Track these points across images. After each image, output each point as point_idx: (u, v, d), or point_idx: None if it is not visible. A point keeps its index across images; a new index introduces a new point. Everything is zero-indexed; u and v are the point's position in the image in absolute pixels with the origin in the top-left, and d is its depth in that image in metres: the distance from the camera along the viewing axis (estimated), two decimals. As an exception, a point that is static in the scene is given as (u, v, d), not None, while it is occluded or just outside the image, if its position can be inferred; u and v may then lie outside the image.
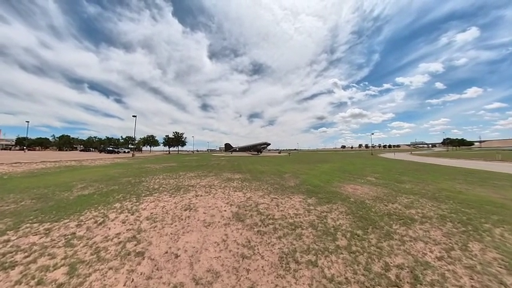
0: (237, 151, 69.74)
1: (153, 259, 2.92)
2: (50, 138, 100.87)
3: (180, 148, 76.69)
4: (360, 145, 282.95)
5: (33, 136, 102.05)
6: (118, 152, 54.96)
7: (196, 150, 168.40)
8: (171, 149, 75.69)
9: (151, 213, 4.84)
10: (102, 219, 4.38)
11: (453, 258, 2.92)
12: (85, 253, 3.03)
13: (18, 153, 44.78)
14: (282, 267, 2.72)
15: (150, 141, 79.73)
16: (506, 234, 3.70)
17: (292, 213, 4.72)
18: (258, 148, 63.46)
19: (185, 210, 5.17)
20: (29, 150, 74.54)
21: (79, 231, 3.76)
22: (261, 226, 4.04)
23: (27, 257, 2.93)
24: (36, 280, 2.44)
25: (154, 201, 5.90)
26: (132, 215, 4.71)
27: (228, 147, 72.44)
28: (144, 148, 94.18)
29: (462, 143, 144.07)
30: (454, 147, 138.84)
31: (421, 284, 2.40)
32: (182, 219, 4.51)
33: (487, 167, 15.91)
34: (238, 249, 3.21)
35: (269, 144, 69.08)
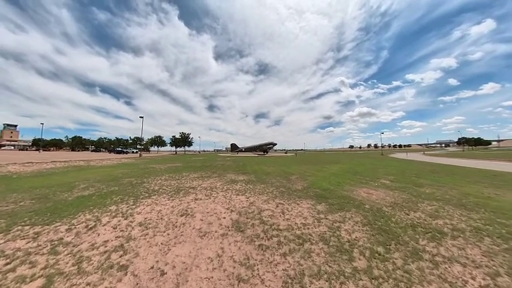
0: (243, 151, 69.44)
1: (136, 275, 2.55)
2: (63, 139, 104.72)
3: (186, 148, 77.37)
4: (369, 145, 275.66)
5: (48, 137, 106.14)
6: (126, 152, 56.03)
7: (203, 151, 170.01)
8: (178, 149, 76.51)
9: (145, 219, 4.52)
10: (93, 224, 4.17)
11: (507, 290, 2.29)
12: (66, 263, 2.81)
13: (33, 154, 46.55)
14: (287, 298, 2.19)
15: (158, 141, 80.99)
16: None
17: (299, 223, 4.16)
18: (264, 148, 62.88)
19: (181, 215, 4.78)
20: (43, 150, 77.59)
21: (67, 237, 3.57)
22: (263, 239, 3.51)
23: (8, 264, 2.78)
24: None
25: (151, 205, 5.60)
26: (125, 219, 4.44)
27: (234, 148, 72.28)
28: (152, 148, 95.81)
29: (479, 142, 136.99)
30: (470, 147, 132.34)
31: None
32: (176, 227, 4.10)
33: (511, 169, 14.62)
34: (234, 268, 2.71)
35: (275, 144, 68.32)
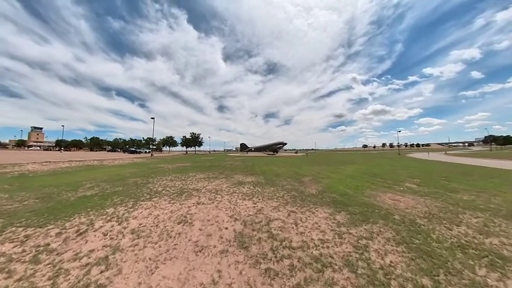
0: (253, 151, 68.97)
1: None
2: (83, 140, 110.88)
3: (197, 148, 78.29)
4: (384, 144, 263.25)
5: (70, 138, 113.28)
6: (139, 152, 57.59)
7: (213, 150, 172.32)
8: (189, 149, 77.61)
9: (139, 225, 4.13)
10: (85, 228, 3.92)
11: None
12: (43, 276, 2.53)
13: (54, 153, 49.26)
14: None
15: (169, 142, 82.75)
16: None
17: (316, 239, 3.43)
18: (274, 148, 61.97)
19: (179, 223, 4.27)
20: (65, 150, 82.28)
21: (54, 242, 3.36)
22: (271, 260, 2.84)
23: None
24: None
25: (149, 208, 5.23)
26: (119, 224, 4.13)
27: (243, 147, 72.02)
28: (164, 148, 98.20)
29: (508, 140, 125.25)
30: (499, 146, 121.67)
31: None
32: (171, 237, 3.59)
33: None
34: (234, 304, 2.07)
35: (285, 144, 67.14)
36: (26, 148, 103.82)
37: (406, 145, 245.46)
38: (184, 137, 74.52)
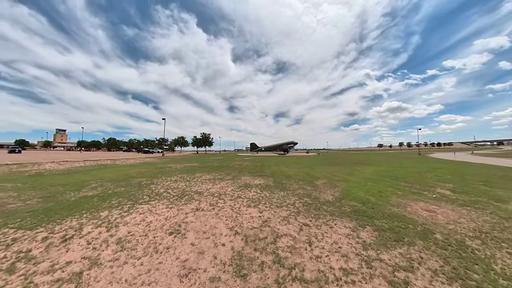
0: (263, 151, 68.22)
1: None
2: (101, 141, 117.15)
3: (207, 148, 79.07)
4: (401, 143, 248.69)
5: (90, 139, 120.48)
6: (152, 152, 59.17)
7: (224, 150, 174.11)
8: (200, 149, 78.58)
9: (128, 233, 3.75)
10: (72, 234, 3.68)
11: None
12: None
13: (75, 153, 52.08)
14: None
15: (181, 142, 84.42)
16: None
17: (337, 268, 2.62)
18: (284, 148, 60.78)
19: (171, 233, 3.73)
20: (85, 151, 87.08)
21: (37, 249, 3.17)
22: (278, 301, 2.11)
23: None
24: None
25: (144, 213, 4.88)
26: (107, 231, 3.82)
27: (253, 147, 71.48)
28: (176, 148, 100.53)
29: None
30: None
31: None
32: (157, 252, 3.06)
33: None
34: None
35: (296, 143, 65.65)
36: (51, 148, 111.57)
37: (425, 144, 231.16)
38: (195, 137, 75.59)
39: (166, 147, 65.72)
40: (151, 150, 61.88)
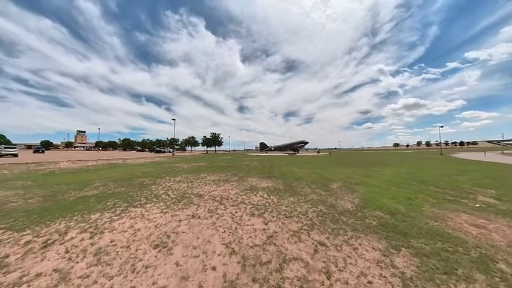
0: (273, 150, 67.28)
1: None
2: (117, 141, 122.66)
3: (217, 148, 79.41)
4: (419, 142, 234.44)
5: (107, 140, 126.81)
6: (164, 151, 60.38)
7: (233, 150, 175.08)
8: (210, 148, 79.10)
9: (111, 242, 3.33)
10: (55, 238, 3.43)
11: None
12: None
13: (92, 153, 54.35)
14: None
15: (191, 142, 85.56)
16: None
17: (372, 321, 1.82)
18: (294, 147, 59.46)
19: (156, 246, 3.16)
20: (102, 150, 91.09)
21: (15, 254, 2.94)
22: None
23: None
24: None
25: (135, 218, 4.44)
26: (90, 238, 3.47)
27: (263, 147, 70.72)
28: (187, 148, 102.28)
29: None
30: None
31: None
32: (133, 272, 2.54)
33: None
34: None
35: (307, 142, 64.05)
36: (72, 148, 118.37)
37: (446, 143, 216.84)
38: (204, 137, 76.17)
39: (177, 147, 66.75)
40: (162, 150, 63.23)
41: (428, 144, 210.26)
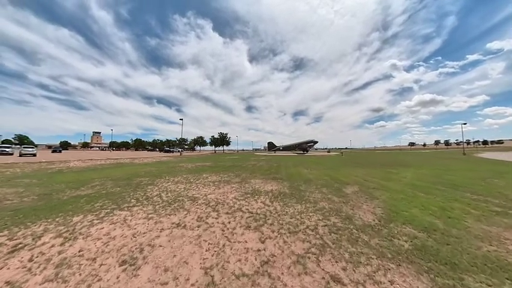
0: (281, 150, 66.04)
1: None
2: (129, 142, 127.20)
3: (226, 148, 79.39)
4: (437, 142, 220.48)
5: (120, 140, 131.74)
6: (172, 151, 61.24)
7: (242, 150, 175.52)
8: (218, 148, 79.26)
9: (79, 251, 2.92)
10: (26, 243, 3.13)
11: None
12: None
13: (105, 153, 56.30)
14: None
15: (199, 141, 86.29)
16: None
17: None
18: (303, 147, 57.90)
19: (122, 263, 2.60)
20: (115, 150, 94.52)
21: None
22: None
23: None
24: None
25: (116, 223, 4.00)
26: (61, 245, 3.10)
27: (271, 146, 69.63)
28: (196, 148, 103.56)
29: None
30: None
31: None
32: None
33: None
34: None
35: (316, 142, 62.20)
36: (89, 148, 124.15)
37: (468, 142, 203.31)
38: (212, 136, 76.38)
39: (186, 147, 67.42)
40: (171, 149, 64.18)
41: (447, 143, 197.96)
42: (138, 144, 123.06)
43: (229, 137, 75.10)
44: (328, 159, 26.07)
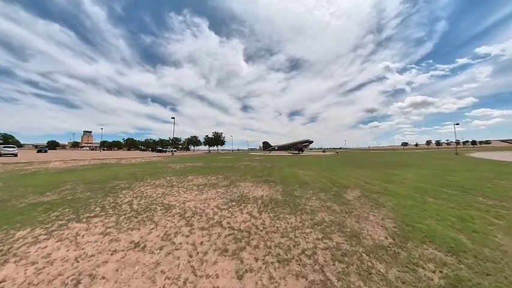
0: (276, 150, 65.40)
1: None
2: (121, 141, 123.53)
3: (220, 147, 78.11)
4: (429, 142, 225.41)
5: (115, 140, 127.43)
6: (165, 151, 59.52)
7: (237, 149, 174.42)
8: (213, 148, 77.91)
9: (1, 281, 2.23)
10: None
11: None
12: None
13: (94, 153, 54.16)
14: None
15: (193, 141, 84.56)
16: None
17: None
18: (299, 147, 57.46)
19: None
20: (106, 150, 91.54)
21: None
22: None
23: None
24: None
25: (64, 240, 3.23)
26: None
27: (266, 146, 68.87)
28: (191, 148, 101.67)
29: None
30: None
31: None
32: None
33: None
34: None
35: (311, 142, 61.94)
36: (79, 148, 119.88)
37: (458, 142, 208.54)
38: (206, 136, 74.95)
39: (180, 147, 65.80)
40: (164, 149, 62.40)
41: (438, 143, 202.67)
42: (130, 144, 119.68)
43: (224, 137, 73.89)
44: (324, 159, 25.47)
